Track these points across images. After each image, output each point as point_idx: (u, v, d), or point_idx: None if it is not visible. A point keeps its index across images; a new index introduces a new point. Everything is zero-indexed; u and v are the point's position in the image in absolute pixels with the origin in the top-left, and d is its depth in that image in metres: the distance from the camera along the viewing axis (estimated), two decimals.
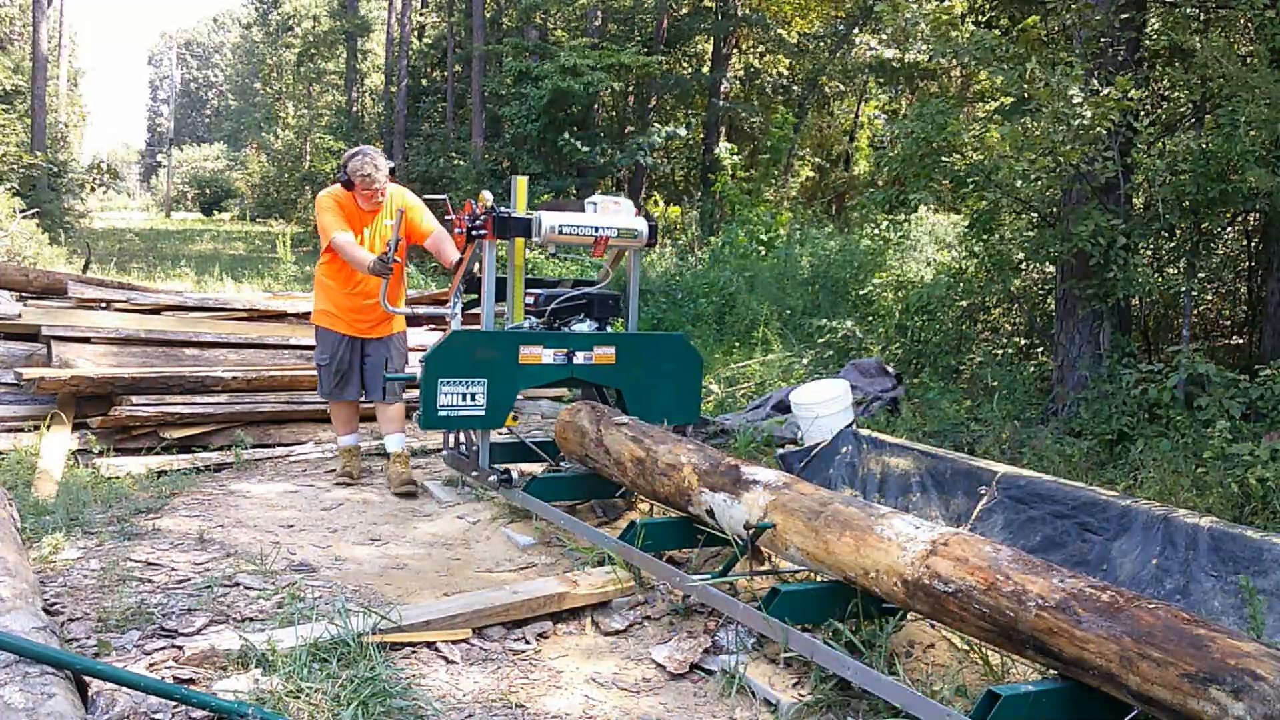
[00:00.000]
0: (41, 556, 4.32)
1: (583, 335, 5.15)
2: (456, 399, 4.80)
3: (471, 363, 4.83)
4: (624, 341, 5.24)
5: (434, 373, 4.76)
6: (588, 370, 5.11)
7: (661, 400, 5.22)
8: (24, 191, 19.11)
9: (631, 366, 5.20)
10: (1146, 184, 6.92)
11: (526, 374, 4.99)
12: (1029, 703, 2.75)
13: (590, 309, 5.32)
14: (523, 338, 5.00)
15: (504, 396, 4.94)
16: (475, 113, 21.43)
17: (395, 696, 3.12)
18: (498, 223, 4.96)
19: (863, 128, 20.29)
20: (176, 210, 46.37)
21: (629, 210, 5.23)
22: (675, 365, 5.31)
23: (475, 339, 4.92)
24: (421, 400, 4.76)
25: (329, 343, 5.62)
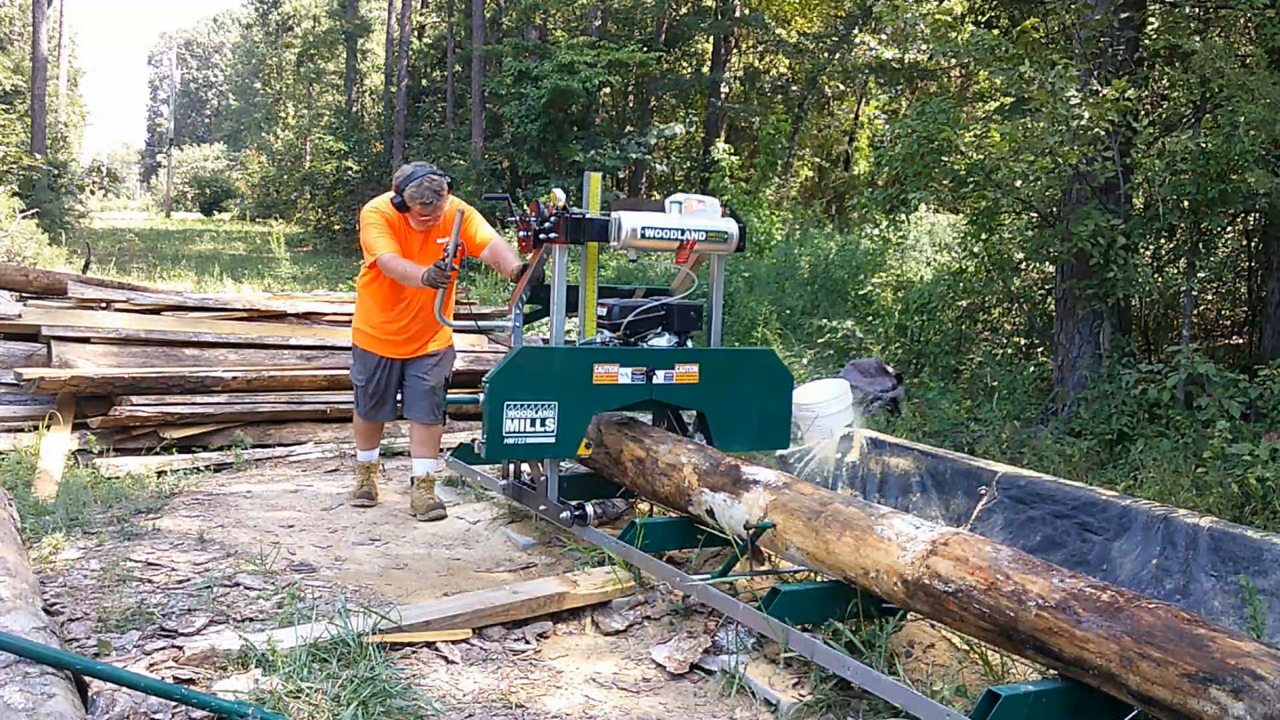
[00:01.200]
0: (41, 556, 4.32)
1: (663, 351, 4.55)
2: (524, 425, 4.19)
3: (541, 384, 4.22)
4: (709, 358, 4.60)
5: (499, 396, 4.14)
6: (668, 391, 4.50)
7: (748, 425, 4.63)
8: (24, 192, 19.11)
9: (716, 386, 4.57)
10: (1146, 184, 6.92)
11: (601, 395, 4.37)
12: (1029, 703, 2.76)
13: (669, 321, 4.74)
14: (597, 354, 4.39)
15: (577, 421, 4.31)
16: (475, 113, 21.43)
17: (395, 696, 3.12)
18: (571, 225, 4.37)
19: (863, 128, 20.29)
20: (176, 210, 46.38)
21: (714, 209, 4.63)
22: (763, 385, 4.68)
23: (545, 357, 4.32)
24: (484, 428, 4.16)
25: (366, 364, 5.19)
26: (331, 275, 17.66)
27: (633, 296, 4.90)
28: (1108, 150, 6.46)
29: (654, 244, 4.45)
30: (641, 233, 4.38)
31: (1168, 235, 7.21)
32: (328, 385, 6.91)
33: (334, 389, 6.95)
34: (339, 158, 27.34)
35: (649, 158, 19.44)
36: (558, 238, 4.38)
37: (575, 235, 4.39)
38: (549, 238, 4.41)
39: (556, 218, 4.38)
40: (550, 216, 4.40)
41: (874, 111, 20.23)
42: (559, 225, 4.38)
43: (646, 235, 4.40)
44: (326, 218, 28.52)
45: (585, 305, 4.60)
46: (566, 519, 4.43)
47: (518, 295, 4.72)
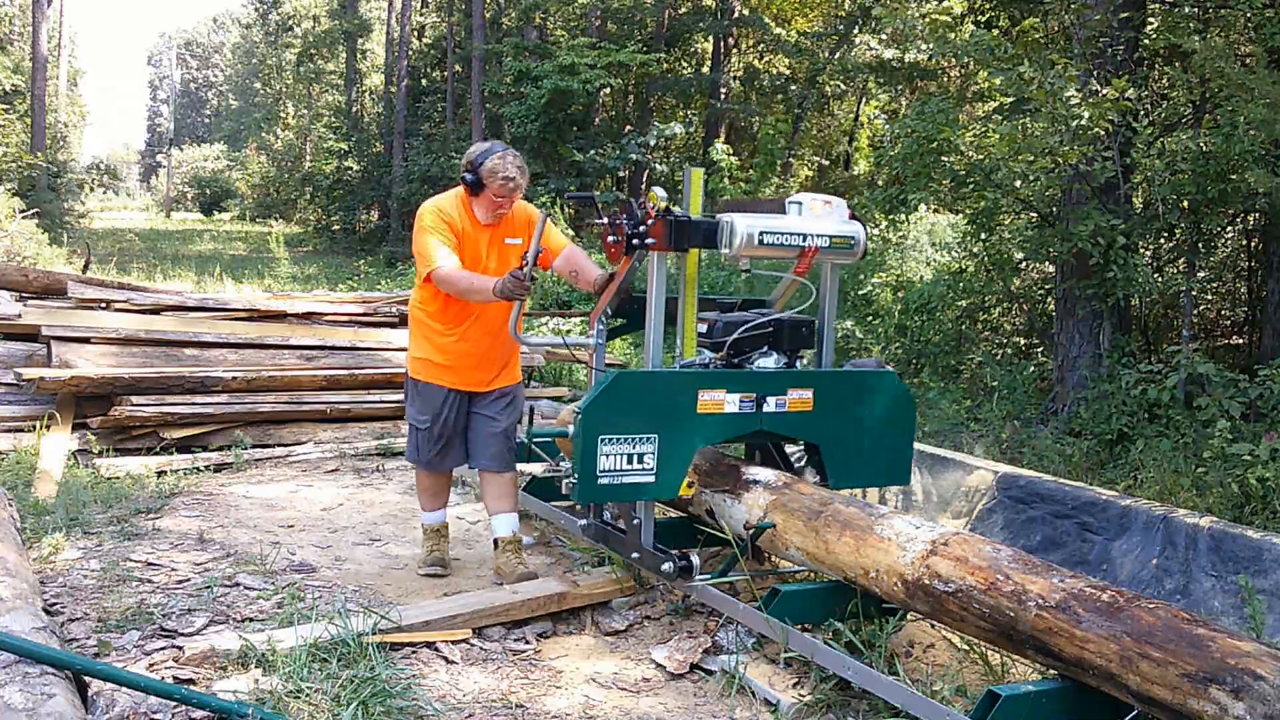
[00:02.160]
0: (41, 556, 4.32)
1: (776, 374, 3.97)
2: (620, 462, 3.61)
3: (639, 414, 3.64)
4: (824, 382, 4.00)
5: (593, 429, 3.55)
6: (779, 420, 3.90)
7: (867, 457, 4.04)
8: (24, 192, 19.11)
9: (832, 414, 3.98)
10: (1146, 184, 6.93)
11: (705, 427, 3.77)
12: (1029, 703, 2.76)
13: (778, 339, 4.11)
14: (702, 379, 3.79)
15: (678, 457, 3.73)
16: (475, 113, 21.43)
17: (395, 696, 3.13)
18: (674, 229, 3.77)
19: (863, 128, 20.29)
20: (176, 210, 46.36)
21: (841, 211, 4.02)
22: (883, 411, 4.06)
23: (645, 383, 3.71)
24: (575, 465, 3.61)
25: (431, 400, 4.27)
26: (331, 275, 17.66)
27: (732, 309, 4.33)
28: (1107, 150, 6.47)
29: (772, 252, 3.84)
30: (759, 239, 3.77)
31: (1168, 235, 7.22)
32: (328, 385, 6.92)
33: (334, 389, 6.96)
34: (339, 158, 27.34)
35: (649, 158, 19.43)
36: (656, 244, 3.79)
37: (678, 241, 3.79)
38: (645, 244, 3.80)
39: (655, 220, 3.78)
40: (648, 219, 3.80)
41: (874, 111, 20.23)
42: (658, 229, 3.78)
43: (764, 242, 3.78)
44: (326, 218, 28.51)
45: (684, 321, 4.01)
46: (669, 571, 3.80)
47: (601, 309, 4.06)
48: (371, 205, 27.31)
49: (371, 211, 27.43)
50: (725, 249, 3.80)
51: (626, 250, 3.87)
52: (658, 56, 19.56)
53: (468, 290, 4.02)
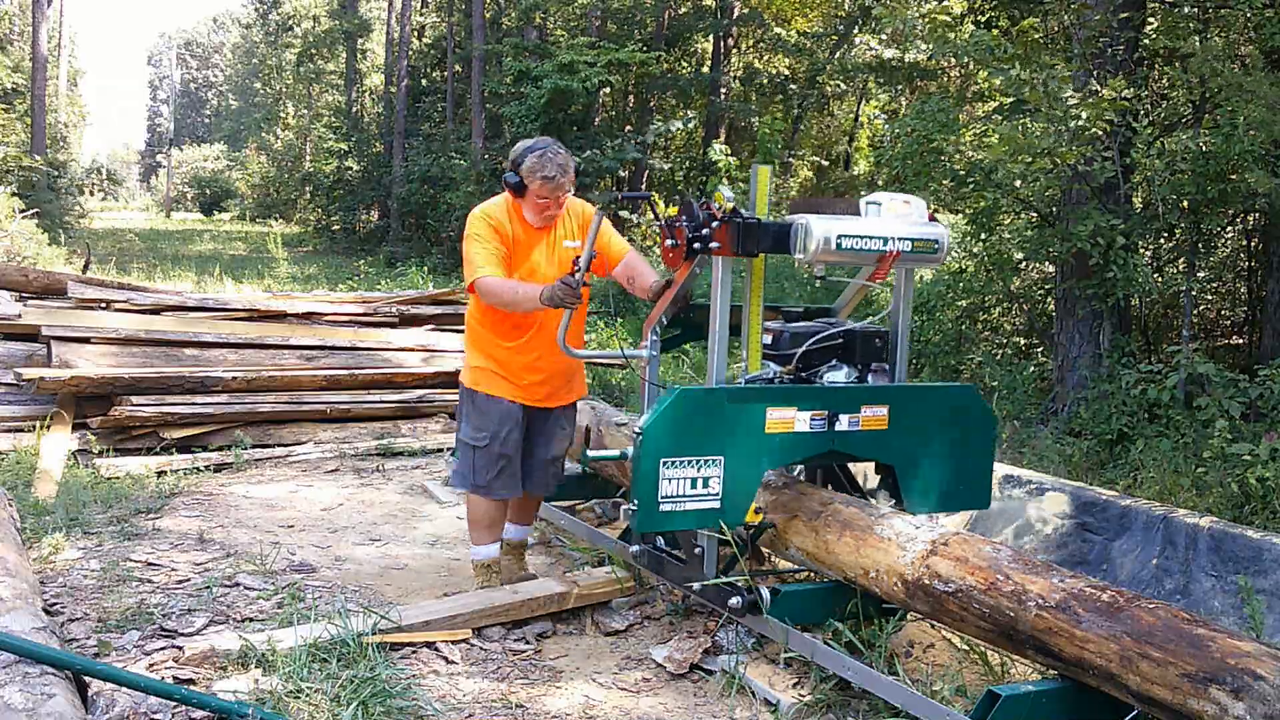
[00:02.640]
0: (41, 556, 4.32)
1: (849, 390, 3.66)
2: (683, 487, 3.33)
3: (704, 435, 3.36)
4: (900, 398, 3.68)
5: (655, 451, 3.29)
6: (852, 440, 3.59)
7: (945, 480, 3.73)
8: (24, 192, 19.10)
9: (908, 433, 3.66)
10: (1146, 184, 6.93)
11: (774, 447, 3.48)
12: (1029, 703, 2.76)
13: (850, 351, 3.81)
14: (770, 395, 3.50)
15: (745, 480, 3.45)
16: (475, 113, 21.43)
17: (395, 696, 3.13)
18: (742, 232, 3.46)
19: (863, 128, 20.30)
20: (176, 210, 46.36)
21: (921, 212, 3.71)
22: (963, 429, 3.75)
23: (710, 401, 3.40)
24: (635, 492, 3.32)
25: (491, 415, 3.94)
26: (331, 275, 17.66)
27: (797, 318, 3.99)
28: (1107, 150, 6.47)
29: (850, 258, 3.58)
30: (836, 243, 3.46)
31: (1168, 235, 7.22)
32: (328, 385, 6.92)
33: (334, 389, 6.96)
34: (339, 158, 27.35)
35: (648, 157, 19.44)
36: (721, 248, 3.48)
37: (747, 245, 3.48)
38: (708, 248, 3.50)
39: (721, 223, 3.46)
40: (712, 221, 3.48)
41: (874, 111, 20.24)
42: (724, 232, 3.46)
43: (842, 246, 3.47)
44: (326, 218, 28.51)
45: (750, 332, 3.71)
46: (737, 607, 3.48)
47: (656, 318, 3.74)
48: (371, 205, 27.31)
49: (371, 211, 27.44)
50: (799, 254, 3.48)
51: (687, 255, 3.57)
52: (657, 56, 19.56)
53: (512, 301, 3.75)
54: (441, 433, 7.08)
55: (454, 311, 8.48)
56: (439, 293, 8.77)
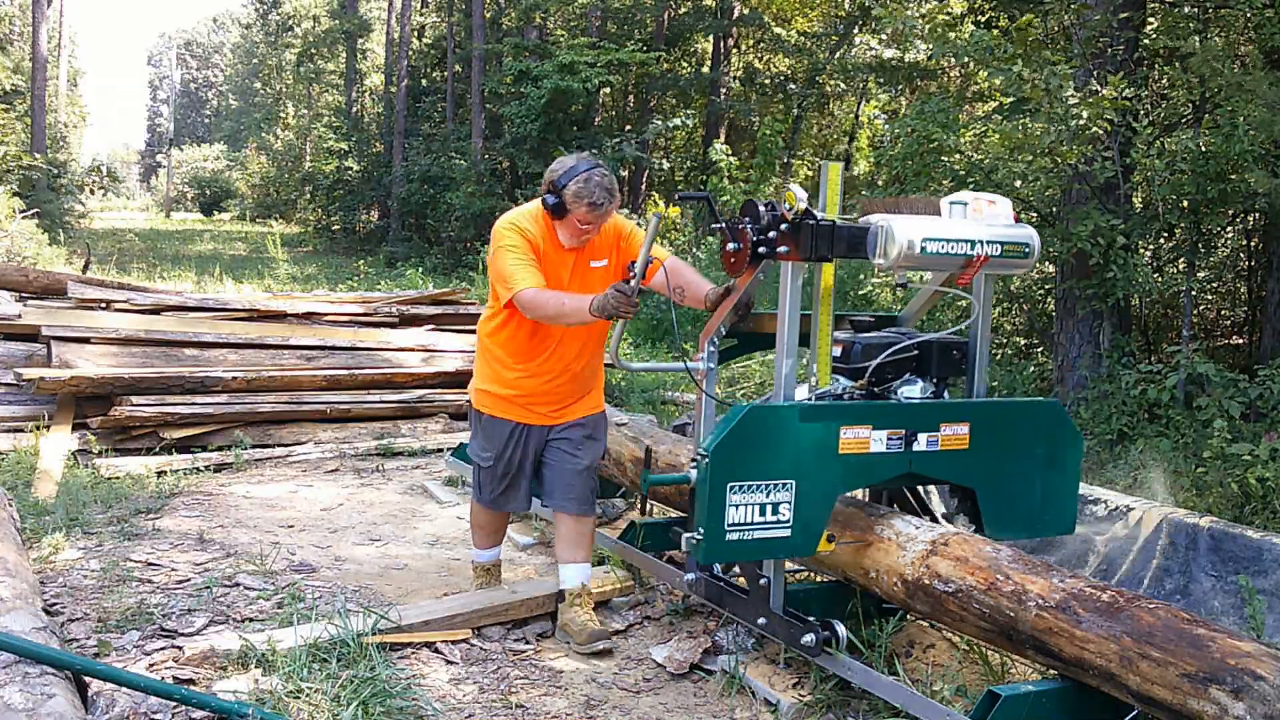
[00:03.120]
0: (41, 556, 4.32)
1: (926, 406, 3.37)
2: (751, 514, 3.05)
3: (774, 456, 3.08)
4: (982, 415, 3.39)
5: (722, 474, 3.00)
6: (931, 461, 3.30)
7: (1028, 503, 3.46)
8: (24, 192, 19.11)
9: (990, 453, 3.38)
10: (1146, 184, 6.93)
11: (848, 469, 3.19)
12: (1029, 703, 2.76)
13: (926, 364, 3.53)
14: (844, 413, 3.22)
15: (817, 506, 3.16)
16: (475, 113, 21.43)
17: (395, 696, 3.13)
18: (815, 234, 3.14)
19: (863, 128, 20.30)
20: (176, 210, 46.35)
21: (1007, 212, 3.40)
22: (1047, 449, 3.47)
23: (780, 419, 3.13)
24: (699, 519, 3.04)
25: (496, 436, 3.81)
26: (331, 275, 17.67)
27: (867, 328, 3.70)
28: (1107, 150, 6.47)
29: (935, 262, 3.25)
30: (921, 246, 3.14)
31: (1168, 235, 7.22)
32: (328, 385, 6.92)
33: (334, 389, 6.96)
34: (339, 158, 27.35)
35: (648, 157, 19.44)
36: (789, 253, 3.17)
37: (820, 249, 3.16)
38: (775, 253, 3.19)
39: (791, 225, 3.16)
40: (780, 223, 3.18)
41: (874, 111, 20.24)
42: (794, 235, 3.15)
43: (927, 250, 3.16)
44: (326, 218, 28.52)
45: (819, 344, 3.40)
46: (810, 644, 3.19)
47: (714, 328, 3.45)
48: (371, 205, 27.32)
49: (371, 211, 27.44)
50: (879, 259, 3.16)
51: (751, 260, 3.26)
52: (657, 56, 19.57)
53: (559, 314, 3.49)
54: (441, 433, 7.09)
55: (454, 311, 8.48)
56: (439, 293, 8.77)
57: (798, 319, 3.24)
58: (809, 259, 3.17)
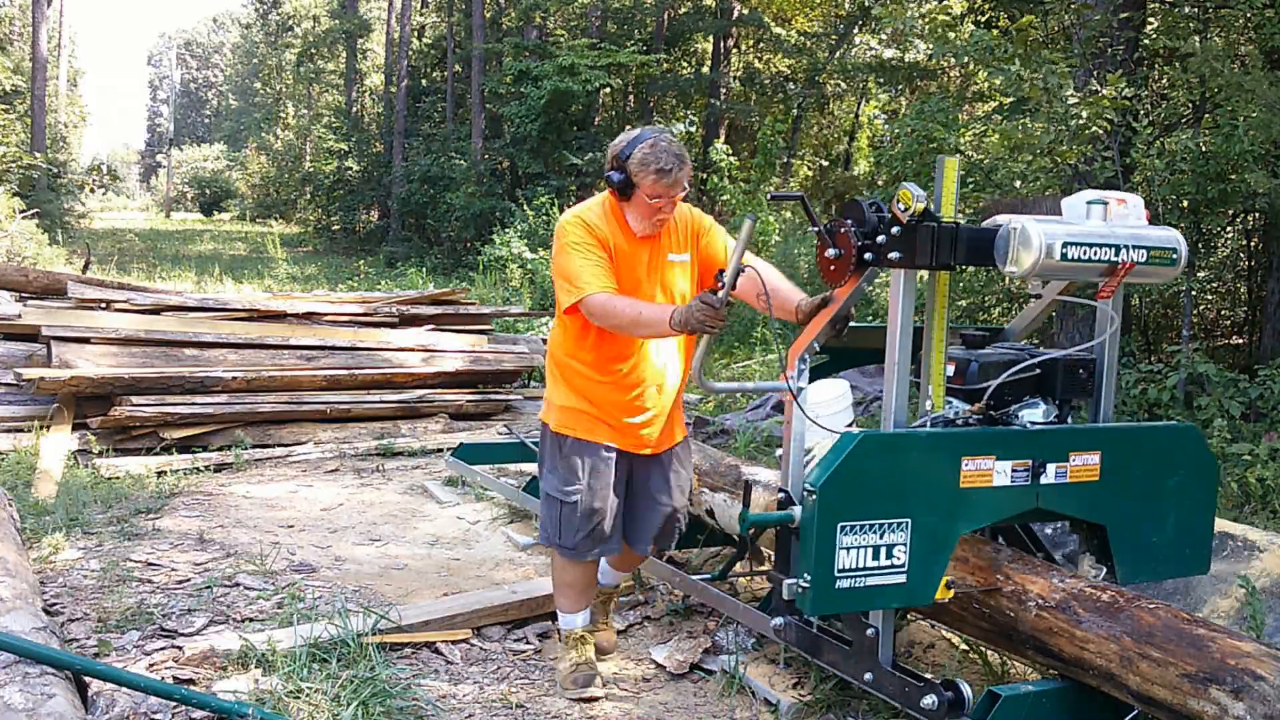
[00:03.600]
0: (41, 556, 4.32)
1: (1056, 432, 2.96)
2: (864, 558, 2.69)
3: (889, 491, 2.72)
4: (1113, 442, 3.00)
5: (833, 513, 2.65)
6: (1060, 495, 2.91)
7: (1163, 540, 3.08)
8: (24, 192, 19.12)
9: (1122, 485, 2.99)
10: (1146, 184, 6.93)
11: (970, 506, 2.81)
12: (1029, 703, 2.76)
13: (1049, 384, 3.10)
14: (965, 441, 2.82)
15: (936, 548, 2.78)
16: (475, 113, 21.44)
17: (395, 696, 3.13)
18: (937, 238, 2.75)
19: (863, 128, 20.30)
20: (176, 210, 46.37)
21: (1139, 212, 3.00)
22: (1182, 479, 3.11)
23: (897, 448, 2.76)
24: (805, 565, 2.68)
25: (583, 462, 3.24)
26: (331, 275, 17.67)
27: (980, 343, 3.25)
28: (1107, 150, 6.47)
29: (1074, 269, 2.82)
30: (1061, 252, 2.72)
31: None
32: (328, 385, 6.92)
33: (334, 389, 6.96)
34: (339, 158, 27.36)
35: None
36: (904, 258, 2.76)
37: (941, 255, 2.76)
38: (886, 259, 2.79)
39: (905, 228, 2.75)
40: (892, 226, 2.77)
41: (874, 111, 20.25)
42: (909, 239, 2.75)
43: (1068, 256, 2.74)
44: (326, 218, 28.54)
45: (932, 362, 2.96)
46: (931, 707, 2.75)
47: (807, 343, 3.00)
48: (371, 205, 27.33)
49: (371, 212, 27.45)
50: (1010, 266, 2.77)
51: (856, 267, 2.86)
52: (657, 57, 19.57)
53: (633, 323, 3.04)
54: (441, 433, 7.09)
55: (454, 312, 8.48)
56: (439, 293, 8.78)
57: (910, 334, 2.83)
58: (927, 267, 2.77)
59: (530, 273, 14.69)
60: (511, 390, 8.07)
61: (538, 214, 16.75)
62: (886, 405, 2.86)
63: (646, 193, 3.09)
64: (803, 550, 2.70)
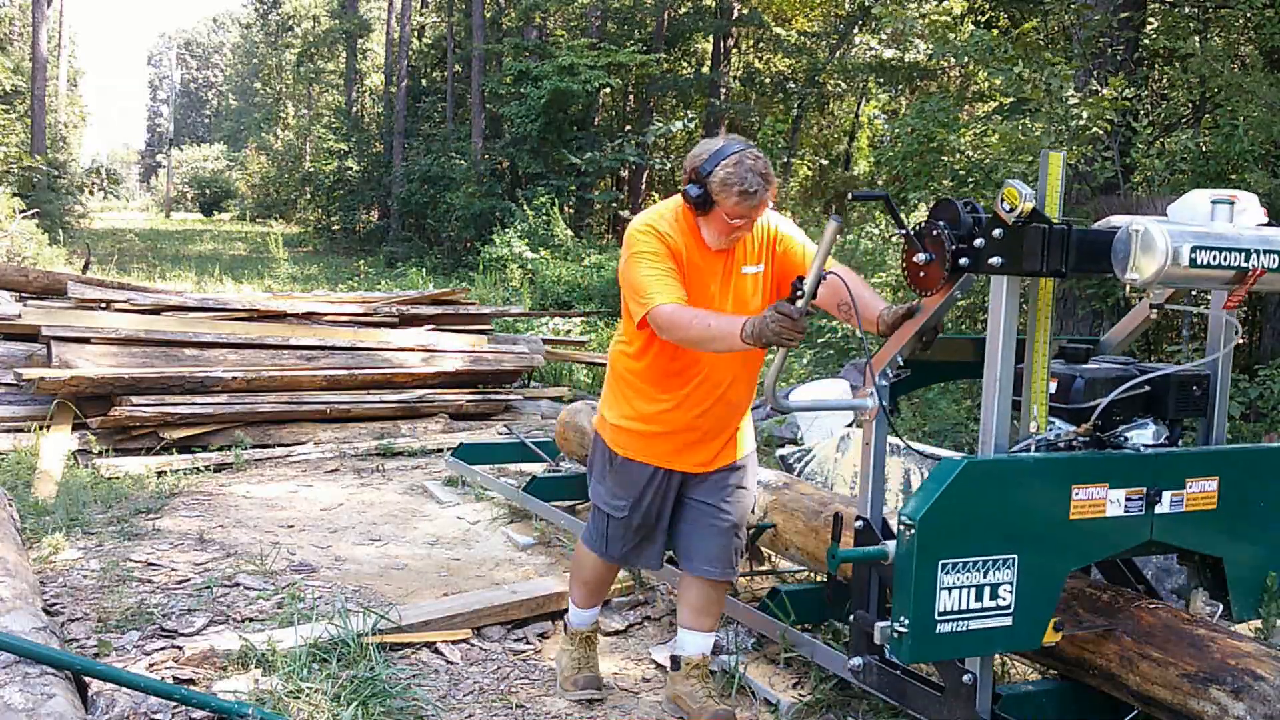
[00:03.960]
0: (41, 556, 4.32)
1: (1174, 457, 2.67)
2: (967, 599, 2.42)
3: (994, 524, 2.45)
4: (1231, 466, 2.72)
5: (934, 549, 2.38)
6: (1176, 527, 2.63)
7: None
8: (24, 192, 19.12)
9: (1241, 513, 2.72)
10: (1146, 184, 6.93)
11: (1081, 539, 2.53)
12: (1029, 703, 2.76)
13: (1158, 403, 2.78)
14: (1075, 467, 2.53)
15: (1044, 587, 2.51)
16: (475, 113, 21.44)
17: (395, 696, 3.13)
18: (1048, 242, 2.45)
19: (863, 128, 20.30)
20: (176, 211, 46.38)
21: (1256, 209, 2.69)
22: None
23: (1004, 475, 2.48)
24: (902, 606, 2.39)
25: (632, 482, 3.12)
26: (331, 275, 17.68)
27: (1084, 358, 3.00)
28: (1107, 150, 6.47)
29: (1201, 277, 2.49)
30: (1190, 258, 2.41)
31: None
32: (328, 385, 6.92)
33: (334, 389, 6.96)
34: (339, 158, 27.37)
35: (649, 158, 19.45)
36: (1007, 264, 2.48)
37: (1052, 260, 2.46)
38: (987, 264, 2.50)
39: (1010, 231, 2.45)
40: (993, 228, 2.48)
41: (874, 111, 20.25)
42: (1014, 242, 2.46)
43: (1197, 262, 2.43)
44: (326, 218, 28.55)
45: (1034, 377, 2.69)
46: None
47: (890, 355, 2.75)
48: (371, 205, 27.34)
49: (371, 212, 27.47)
50: (1130, 273, 2.45)
51: (950, 273, 2.58)
52: (657, 57, 19.58)
53: (704, 337, 2.79)
54: (441, 433, 7.09)
55: (454, 312, 8.48)
56: (439, 293, 8.78)
57: (1013, 348, 2.55)
58: (1036, 273, 2.48)
59: (530, 273, 14.69)
60: (511, 390, 8.07)
61: (538, 214, 16.76)
62: (986, 427, 2.55)
63: (727, 213, 2.88)
64: (899, 591, 2.42)
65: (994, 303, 2.55)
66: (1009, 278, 2.49)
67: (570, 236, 16.61)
